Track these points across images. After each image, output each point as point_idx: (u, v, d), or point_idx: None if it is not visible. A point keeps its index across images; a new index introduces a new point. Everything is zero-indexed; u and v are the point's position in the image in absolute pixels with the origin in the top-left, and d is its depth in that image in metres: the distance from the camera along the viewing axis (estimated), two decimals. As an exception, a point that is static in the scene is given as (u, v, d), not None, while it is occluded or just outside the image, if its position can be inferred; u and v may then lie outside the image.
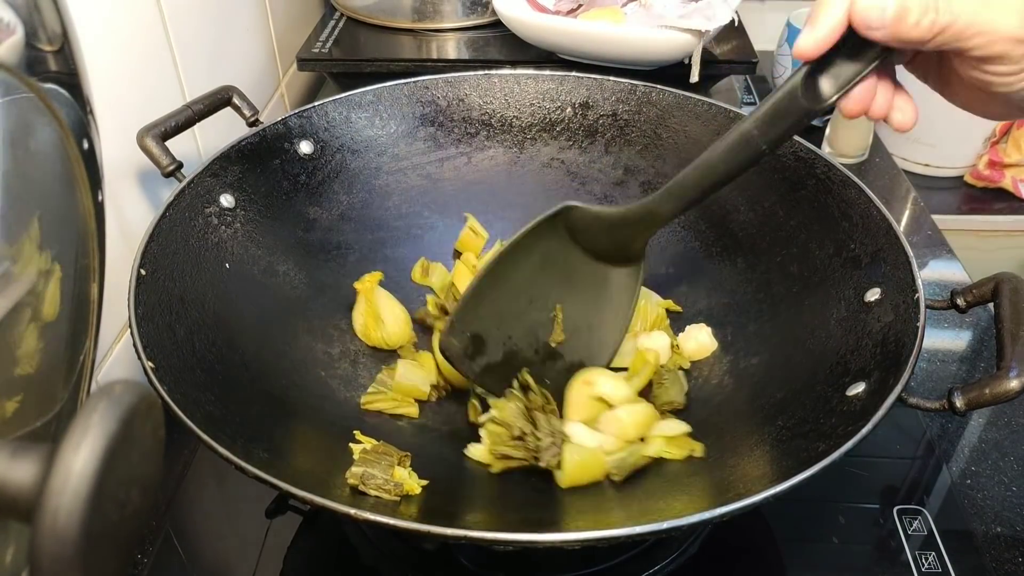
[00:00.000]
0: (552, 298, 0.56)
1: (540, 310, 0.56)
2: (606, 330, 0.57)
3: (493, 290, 0.54)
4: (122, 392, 0.22)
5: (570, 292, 0.56)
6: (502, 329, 0.55)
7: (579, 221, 0.54)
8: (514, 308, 0.55)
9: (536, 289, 0.56)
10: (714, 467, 0.48)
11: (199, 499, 0.57)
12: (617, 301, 0.57)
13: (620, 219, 0.53)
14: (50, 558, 0.20)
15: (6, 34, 0.27)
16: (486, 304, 0.54)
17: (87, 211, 0.33)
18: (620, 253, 0.55)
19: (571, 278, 0.56)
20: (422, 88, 0.68)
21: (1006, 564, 0.52)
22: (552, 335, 0.56)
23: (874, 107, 0.42)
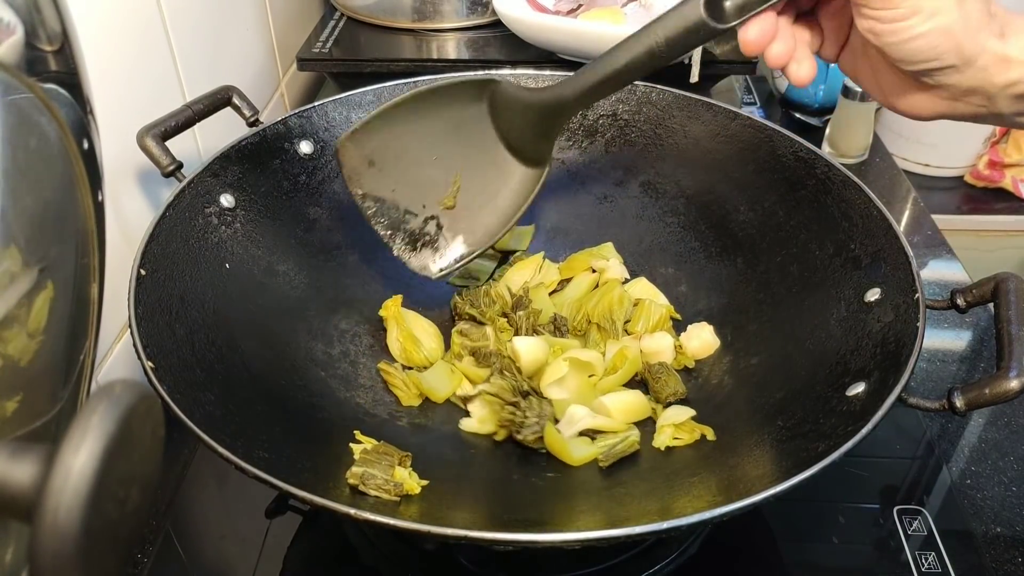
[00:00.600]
0: (456, 165, 0.58)
1: (441, 170, 0.58)
2: (491, 218, 0.58)
3: (407, 123, 0.56)
4: (122, 392, 0.22)
5: (474, 167, 0.58)
6: (400, 166, 0.57)
7: (501, 98, 0.56)
8: (419, 153, 0.57)
9: (445, 148, 0.57)
10: (714, 467, 0.48)
11: (199, 499, 0.57)
12: (512, 196, 0.58)
13: (537, 100, 0.54)
14: (50, 557, 0.20)
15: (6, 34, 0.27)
16: (396, 132, 0.56)
17: (87, 211, 0.33)
18: (531, 147, 0.57)
19: (479, 155, 0.58)
20: (422, 88, 0.68)
21: (1006, 564, 0.52)
22: (443, 198, 0.58)
23: (773, 50, 0.43)
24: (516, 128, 0.56)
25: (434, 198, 0.58)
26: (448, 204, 0.58)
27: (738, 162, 0.64)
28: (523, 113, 0.55)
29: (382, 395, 0.58)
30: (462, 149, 0.57)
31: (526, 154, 0.57)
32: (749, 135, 0.64)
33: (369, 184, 0.57)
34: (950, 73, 0.40)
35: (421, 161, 0.58)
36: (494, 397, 0.54)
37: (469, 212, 0.58)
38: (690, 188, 0.67)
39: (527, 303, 0.62)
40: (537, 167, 0.57)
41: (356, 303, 0.63)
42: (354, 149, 0.57)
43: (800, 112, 1.06)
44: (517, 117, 0.56)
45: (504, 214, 0.58)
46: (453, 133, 0.57)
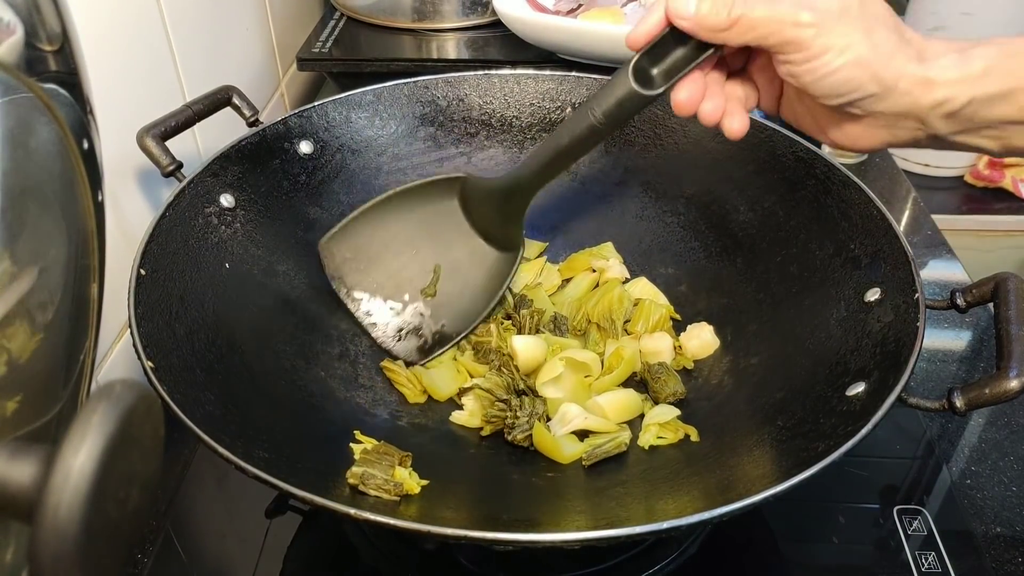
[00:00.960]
0: (435, 257, 0.63)
1: (420, 263, 0.63)
2: (472, 303, 0.62)
3: (385, 222, 0.61)
4: (122, 392, 0.22)
5: (452, 258, 0.62)
6: (381, 262, 0.62)
7: (471, 191, 0.61)
8: (398, 249, 0.62)
9: (422, 242, 0.62)
10: (714, 467, 0.48)
11: (199, 499, 0.57)
12: (489, 280, 0.62)
13: (498, 186, 0.58)
14: (50, 557, 0.20)
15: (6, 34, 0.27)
16: (375, 231, 0.61)
17: (87, 211, 0.33)
18: (501, 232, 0.61)
19: (456, 246, 0.62)
20: (422, 88, 0.68)
21: (1006, 564, 0.52)
22: (425, 288, 0.62)
23: (704, 109, 0.46)
24: (486, 216, 0.61)
25: (416, 289, 0.62)
26: (430, 293, 0.62)
27: (738, 162, 0.64)
28: (488, 201, 0.60)
29: (382, 395, 0.58)
30: (439, 242, 0.62)
31: (498, 240, 0.61)
32: (749, 135, 0.62)
33: (352, 280, 0.61)
34: (875, 101, 0.42)
35: (401, 256, 0.62)
36: (486, 393, 0.55)
37: (450, 299, 0.62)
38: (690, 188, 0.67)
39: (529, 303, 0.63)
40: (510, 251, 0.61)
41: (356, 303, 0.63)
42: (335, 249, 0.61)
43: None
44: (484, 206, 0.60)
45: (483, 298, 0.61)
46: (429, 228, 0.62)
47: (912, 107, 0.41)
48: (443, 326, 0.61)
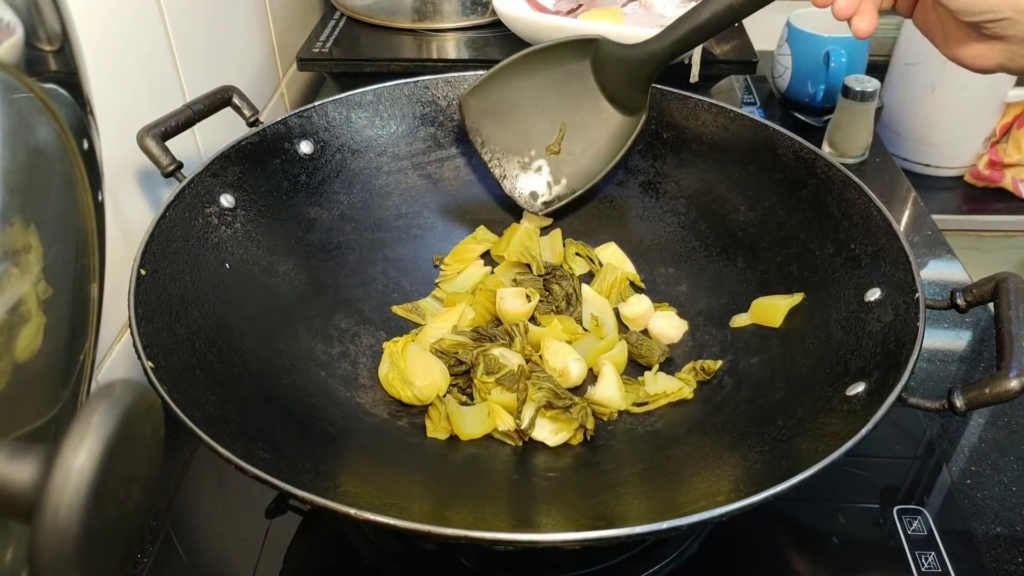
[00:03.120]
0: (562, 115, 0.66)
1: (548, 120, 0.66)
2: (593, 162, 0.66)
3: (520, 79, 0.65)
4: (122, 392, 0.22)
5: (578, 117, 0.66)
6: (513, 117, 0.66)
7: (602, 55, 0.64)
8: (529, 106, 0.66)
9: (552, 101, 0.66)
10: (714, 467, 0.48)
11: (199, 499, 0.57)
12: (612, 141, 0.65)
13: (632, 54, 0.61)
14: (50, 557, 0.20)
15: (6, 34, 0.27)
16: (511, 87, 0.65)
17: (87, 211, 0.33)
18: (628, 96, 0.64)
19: (583, 106, 0.65)
20: (422, 88, 0.68)
21: (1006, 564, 0.52)
22: (550, 145, 0.66)
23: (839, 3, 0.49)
24: (614, 80, 0.64)
25: (542, 144, 0.66)
26: (554, 150, 0.66)
27: (738, 162, 0.64)
28: (620, 67, 0.63)
29: (382, 395, 0.58)
30: (567, 101, 0.66)
31: (624, 103, 0.64)
32: (749, 135, 0.64)
33: (487, 132, 0.66)
34: (1008, 25, 0.45)
35: (531, 112, 0.66)
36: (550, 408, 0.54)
37: (573, 157, 0.66)
38: (690, 188, 0.67)
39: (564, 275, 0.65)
40: (634, 115, 0.64)
41: (356, 303, 0.63)
42: (475, 103, 0.65)
43: (800, 112, 1.06)
44: (615, 71, 0.63)
45: (604, 158, 0.65)
46: (559, 87, 0.65)
47: None
48: (564, 182, 0.66)
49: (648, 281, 0.66)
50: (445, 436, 0.54)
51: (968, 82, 1.05)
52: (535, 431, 0.54)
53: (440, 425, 0.55)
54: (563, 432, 0.54)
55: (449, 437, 0.55)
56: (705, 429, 0.53)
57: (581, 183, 0.66)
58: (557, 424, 0.54)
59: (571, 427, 0.54)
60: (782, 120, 1.06)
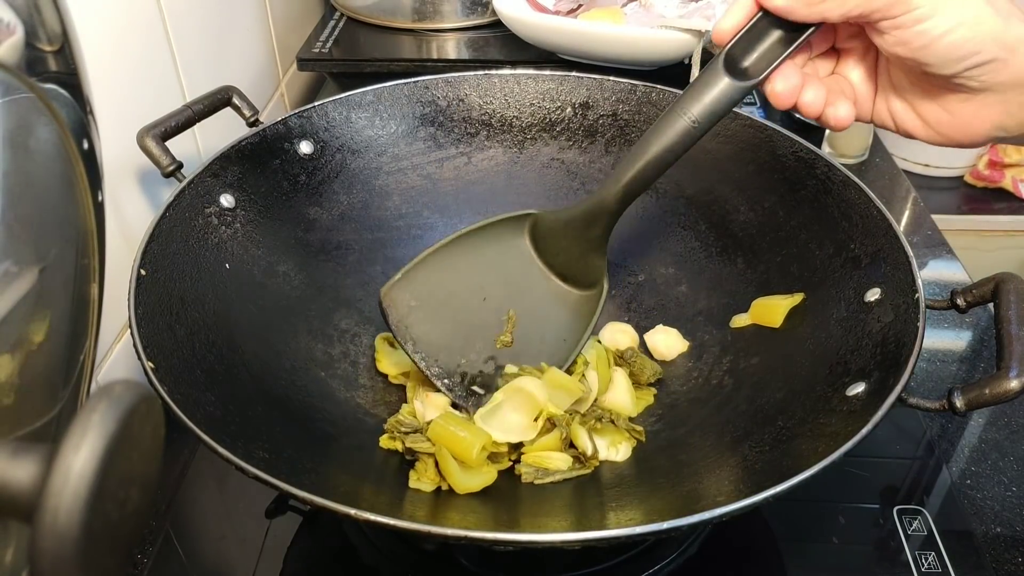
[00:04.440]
0: (507, 302, 0.57)
1: (492, 310, 0.57)
2: (557, 346, 0.57)
3: (449, 267, 0.55)
4: (122, 392, 0.22)
5: (527, 302, 0.57)
6: (448, 311, 0.56)
7: (543, 227, 0.56)
8: (466, 295, 0.56)
9: (492, 287, 0.57)
10: (715, 467, 0.48)
11: (199, 499, 0.57)
12: (573, 321, 0.57)
13: (576, 214, 0.53)
14: (50, 557, 0.20)
15: (6, 34, 0.27)
16: (440, 277, 0.55)
17: (87, 211, 0.33)
18: (581, 269, 0.56)
19: (530, 289, 0.57)
20: (422, 88, 0.68)
21: (1006, 564, 0.52)
22: (500, 336, 0.56)
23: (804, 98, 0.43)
24: (562, 253, 0.56)
25: (490, 338, 0.56)
26: (506, 342, 0.56)
27: (738, 162, 0.64)
28: (565, 234, 0.54)
29: (382, 395, 0.58)
30: (511, 286, 0.57)
31: (578, 278, 0.56)
32: (749, 135, 0.64)
33: (418, 331, 0.55)
34: (997, 69, 0.38)
35: (470, 303, 0.56)
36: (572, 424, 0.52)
37: (530, 345, 0.56)
38: (690, 188, 0.67)
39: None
40: (592, 288, 0.56)
41: (356, 303, 0.63)
42: (398, 298, 0.55)
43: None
44: (560, 241, 0.55)
45: (570, 340, 0.56)
46: (499, 271, 0.56)
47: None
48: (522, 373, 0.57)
49: (648, 281, 0.66)
50: (430, 489, 0.49)
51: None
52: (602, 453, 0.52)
53: (430, 481, 0.49)
54: (620, 443, 0.52)
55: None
56: (705, 429, 0.53)
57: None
58: (609, 437, 0.52)
59: (622, 435, 0.53)
60: (782, 120, 1.06)
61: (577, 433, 0.51)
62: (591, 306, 0.56)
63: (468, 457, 0.48)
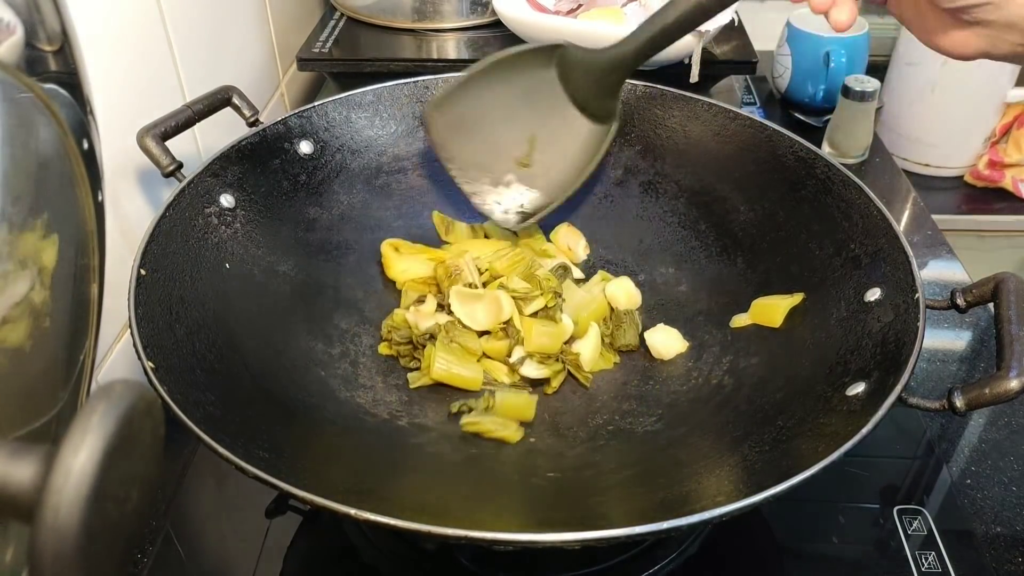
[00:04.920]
0: (531, 126, 0.63)
1: (517, 132, 0.63)
2: (565, 173, 0.63)
3: (485, 91, 0.62)
4: (122, 392, 0.22)
5: (547, 128, 0.63)
6: (480, 131, 0.63)
7: (569, 62, 0.60)
8: (496, 118, 0.63)
9: (520, 112, 0.62)
10: (714, 467, 0.48)
11: (199, 499, 0.57)
12: (583, 151, 0.62)
13: (600, 59, 0.58)
14: (50, 557, 0.20)
15: (6, 34, 0.27)
16: (476, 100, 0.62)
17: (87, 211, 0.33)
18: (597, 104, 0.61)
19: (552, 116, 0.62)
20: (422, 88, 0.68)
21: (1006, 564, 0.52)
22: (520, 158, 0.63)
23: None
24: (583, 88, 0.60)
25: (512, 158, 0.63)
26: (524, 163, 0.63)
27: (738, 162, 0.64)
28: (588, 73, 0.59)
29: (382, 395, 0.58)
30: (536, 112, 0.62)
31: (594, 111, 0.61)
32: (749, 135, 0.64)
33: (454, 147, 0.63)
34: (990, 10, 0.44)
35: (498, 125, 0.63)
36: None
37: (544, 169, 0.63)
38: (690, 188, 0.67)
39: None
40: (605, 123, 0.61)
41: (356, 303, 0.63)
42: (439, 117, 0.62)
43: (800, 112, 1.06)
44: (583, 77, 0.60)
45: (576, 168, 0.62)
46: (527, 97, 0.62)
47: (1022, 20, 0.43)
48: (537, 195, 0.63)
49: (648, 281, 0.66)
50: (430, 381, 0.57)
51: (968, 82, 1.05)
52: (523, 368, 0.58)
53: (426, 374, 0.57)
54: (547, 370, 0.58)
55: (447, 438, 0.54)
56: (705, 429, 0.53)
57: (556, 195, 0.63)
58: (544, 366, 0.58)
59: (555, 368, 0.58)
60: (782, 120, 1.06)
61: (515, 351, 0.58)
62: (601, 138, 0.62)
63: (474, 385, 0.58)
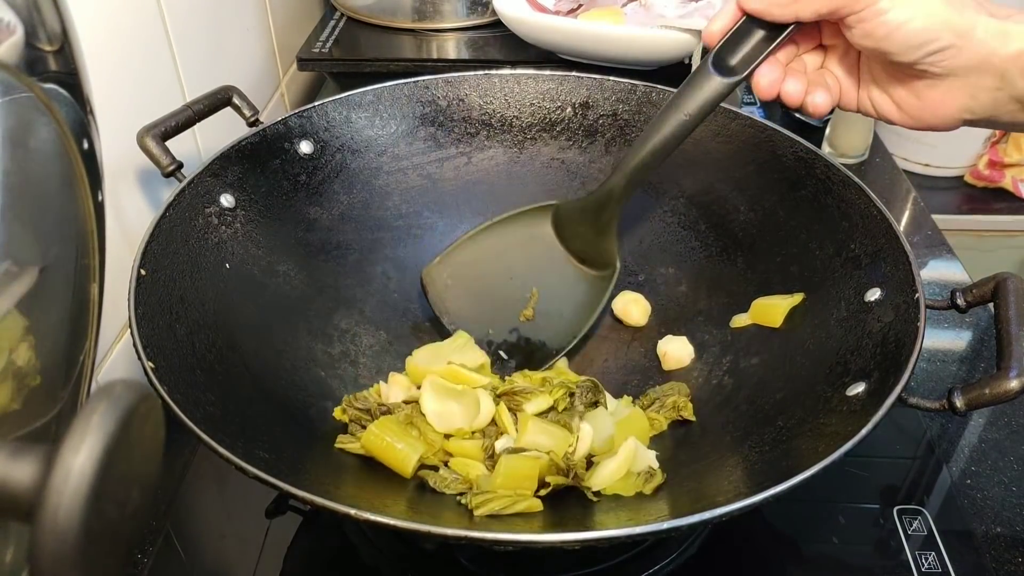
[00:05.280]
0: (531, 281, 0.64)
1: (518, 288, 0.64)
2: (571, 322, 0.63)
3: (483, 250, 0.63)
4: (122, 392, 0.22)
5: (548, 281, 0.64)
6: (480, 288, 0.63)
7: (563, 215, 0.62)
8: (496, 275, 0.64)
9: (519, 268, 0.64)
10: (714, 467, 0.48)
11: (199, 499, 0.57)
12: (587, 299, 0.63)
13: (590, 202, 0.60)
14: (50, 557, 0.20)
15: (6, 34, 0.27)
16: (474, 258, 0.63)
17: (87, 211, 0.33)
18: (595, 251, 0.62)
19: (551, 270, 0.63)
20: (422, 88, 0.68)
21: (1006, 564, 0.52)
22: (523, 312, 0.63)
23: (787, 90, 0.48)
24: (579, 238, 0.62)
25: (515, 312, 0.63)
26: (528, 316, 0.63)
27: (738, 162, 0.64)
28: (581, 219, 0.61)
29: (382, 395, 0.58)
30: (535, 267, 0.64)
31: (594, 260, 0.62)
32: (749, 135, 0.64)
33: (454, 307, 0.63)
34: (953, 54, 0.42)
35: (498, 281, 0.64)
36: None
37: (548, 320, 0.63)
38: (690, 188, 0.67)
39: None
40: (606, 270, 0.62)
41: (356, 303, 0.63)
42: (437, 277, 0.63)
43: (800, 112, 1.06)
44: (577, 226, 0.62)
45: (582, 316, 0.62)
46: (525, 254, 0.64)
47: (990, 58, 0.42)
48: (543, 344, 0.62)
49: (648, 281, 0.66)
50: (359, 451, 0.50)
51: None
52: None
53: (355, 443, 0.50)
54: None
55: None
56: (705, 429, 0.53)
57: (563, 343, 0.61)
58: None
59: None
60: (782, 120, 1.06)
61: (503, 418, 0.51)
62: (604, 285, 0.62)
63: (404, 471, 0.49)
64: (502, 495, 0.46)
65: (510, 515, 0.45)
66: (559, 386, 0.54)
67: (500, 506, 0.45)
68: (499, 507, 0.45)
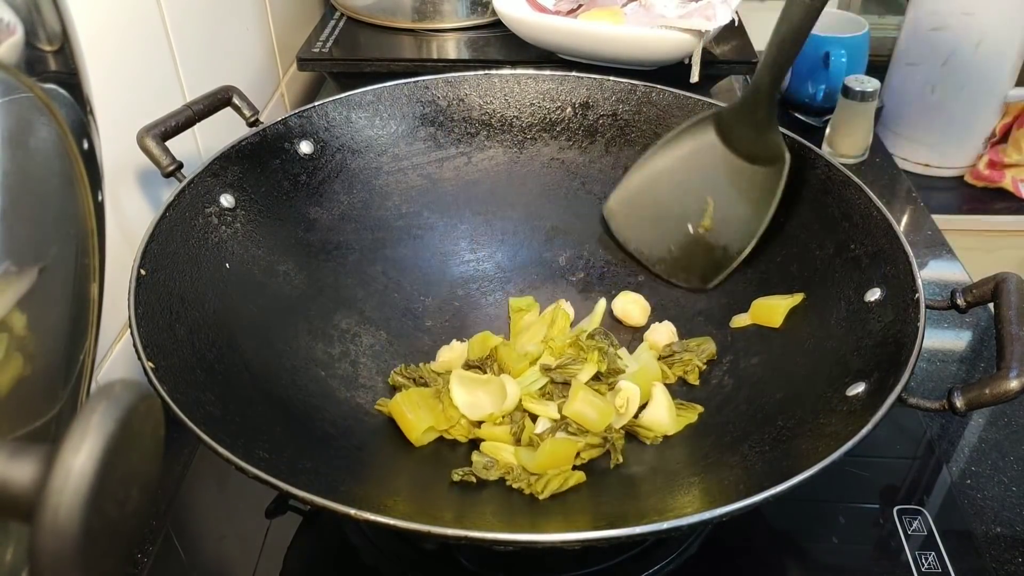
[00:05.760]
0: (705, 190, 0.65)
1: (693, 199, 0.65)
2: (749, 222, 0.63)
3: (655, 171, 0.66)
4: (122, 392, 0.22)
5: (721, 187, 0.64)
6: (659, 208, 0.66)
7: (724, 120, 0.63)
8: (671, 192, 0.66)
9: (691, 181, 0.65)
10: (714, 467, 0.48)
11: (199, 499, 0.57)
12: (762, 197, 0.62)
13: (743, 101, 0.61)
14: (50, 557, 0.20)
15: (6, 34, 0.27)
16: (648, 182, 0.66)
17: (87, 211, 0.33)
18: (761, 146, 0.62)
19: (722, 175, 0.64)
20: (422, 88, 0.68)
21: (1006, 564, 0.52)
22: (702, 222, 0.64)
23: None
24: (743, 138, 0.63)
25: (695, 224, 0.65)
26: (707, 226, 0.64)
27: (739, 162, 0.64)
28: (741, 120, 0.62)
29: (382, 395, 0.58)
30: (707, 177, 0.65)
31: (762, 156, 0.62)
32: (749, 135, 0.63)
33: (639, 238, 0.66)
34: None
35: (674, 200, 0.65)
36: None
37: (727, 224, 0.64)
38: (691, 188, 0.67)
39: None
40: (776, 163, 0.61)
41: (356, 303, 0.63)
42: (617, 210, 0.66)
43: (800, 112, 1.06)
44: (739, 127, 0.63)
45: (759, 214, 0.62)
46: (695, 166, 0.65)
47: None
48: (725, 248, 0.63)
49: (648, 281, 0.66)
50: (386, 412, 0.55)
51: (968, 82, 1.05)
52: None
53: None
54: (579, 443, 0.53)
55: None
56: (705, 429, 0.53)
57: (743, 245, 0.62)
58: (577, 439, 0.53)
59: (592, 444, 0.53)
60: (782, 120, 1.05)
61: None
62: (776, 179, 0.61)
63: (414, 436, 0.53)
64: (553, 475, 0.50)
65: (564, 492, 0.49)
66: (591, 348, 0.58)
67: (557, 485, 0.49)
68: (557, 486, 0.49)
